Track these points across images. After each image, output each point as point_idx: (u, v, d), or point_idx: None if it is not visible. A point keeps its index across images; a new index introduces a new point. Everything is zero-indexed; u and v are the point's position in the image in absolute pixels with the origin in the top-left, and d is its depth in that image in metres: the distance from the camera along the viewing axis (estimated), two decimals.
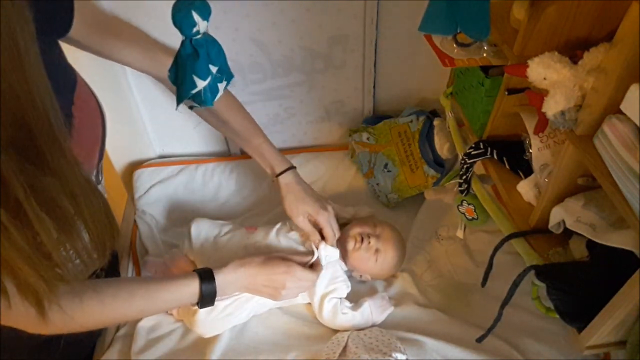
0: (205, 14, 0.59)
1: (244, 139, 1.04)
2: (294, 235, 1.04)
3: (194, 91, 0.65)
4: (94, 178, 0.78)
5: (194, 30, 0.60)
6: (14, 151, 0.46)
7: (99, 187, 0.80)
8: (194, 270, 0.86)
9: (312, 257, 0.97)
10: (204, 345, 0.95)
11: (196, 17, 0.58)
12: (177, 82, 0.65)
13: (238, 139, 1.06)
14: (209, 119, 1.04)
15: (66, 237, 0.54)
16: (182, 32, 0.60)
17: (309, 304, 1.02)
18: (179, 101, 0.67)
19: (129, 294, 0.78)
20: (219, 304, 0.92)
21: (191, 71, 0.64)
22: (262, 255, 0.92)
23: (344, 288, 1.01)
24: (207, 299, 0.85)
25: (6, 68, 0.43)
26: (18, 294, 0.53)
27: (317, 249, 0.99)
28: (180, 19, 0.58)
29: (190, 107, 0.68)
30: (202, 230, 1.06)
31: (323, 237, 1.02)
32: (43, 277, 0.53)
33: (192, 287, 0.84)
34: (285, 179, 1.02)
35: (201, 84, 0.65)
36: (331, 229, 1.02)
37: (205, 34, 0.62)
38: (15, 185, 0.47)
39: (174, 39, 0.63)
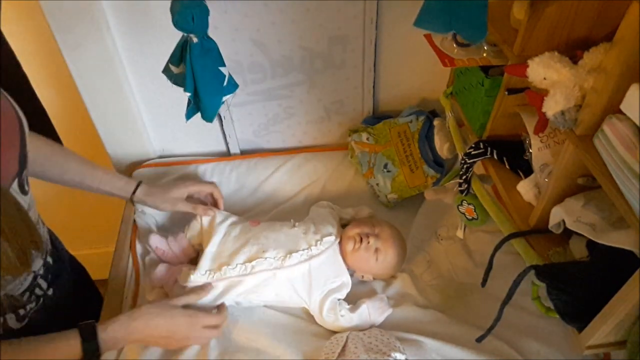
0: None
1: (88, 174, 0.99)
2: (296, 231, 1.04)
3: (225, 81, 0.65)
4: (17, 188, 0.71)
5: (208, 20, 0.59)
6: None
7: (26, 197, 0.74)
8: (76, 326, 0.80)
9: (205, 293, 0.94)
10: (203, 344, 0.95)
11: (208, 5, 0.58)
12: (201, 90, 0.64)
13: (78, 178, 0.99)
14: (42, 174, 0.95)
15: None
16: (199, 30, 0.59)
17: None
18: (215, 109, 0.65)
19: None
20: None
21: (215, 64, 0.63)
22: (159, 304, 0.88)
23: (343, 289, 1.01)
24: (89, 357, 0.79)
25: None
26: None
27: (208, 215, 1.07)
28: (198, 14, 0.57)
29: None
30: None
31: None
32: None
33: (72, 346, 0.77)
34: (143, 192, 1.06)
35: (226, 70, 0.64)
36: (216, 189, 1.12)
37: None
38: None
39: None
